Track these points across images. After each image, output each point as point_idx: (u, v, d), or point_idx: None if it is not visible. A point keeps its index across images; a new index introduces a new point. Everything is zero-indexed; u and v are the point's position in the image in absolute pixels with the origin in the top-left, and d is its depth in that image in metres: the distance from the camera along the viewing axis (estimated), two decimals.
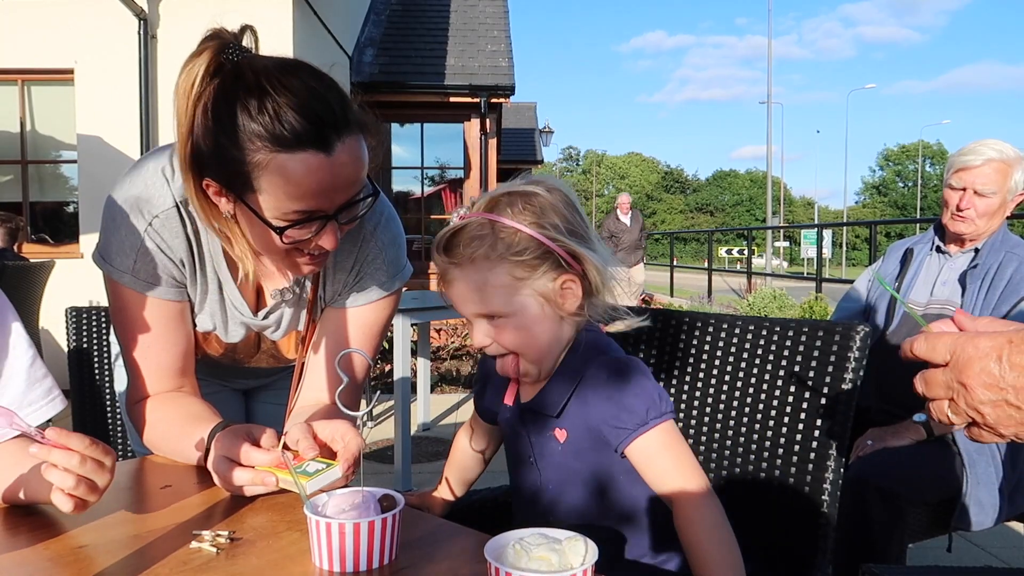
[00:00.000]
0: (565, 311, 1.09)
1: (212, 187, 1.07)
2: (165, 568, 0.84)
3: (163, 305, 1.21)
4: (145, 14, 5.95)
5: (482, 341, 1.09)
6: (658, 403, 1.07)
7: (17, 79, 6.20)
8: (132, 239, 1.17)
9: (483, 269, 1.05)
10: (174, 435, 1.19)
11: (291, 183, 1.00)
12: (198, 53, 1.02)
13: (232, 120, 0.99)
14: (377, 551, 0.84)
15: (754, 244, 18.54)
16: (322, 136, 0.99)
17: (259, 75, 1.00)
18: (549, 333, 1.09)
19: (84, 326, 1.94)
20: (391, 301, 1.34)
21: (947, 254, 2.22)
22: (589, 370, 1.10)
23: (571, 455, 1.12)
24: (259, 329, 1.34)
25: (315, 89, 1.01)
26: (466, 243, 1.06)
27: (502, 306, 1.06)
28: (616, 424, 1.06)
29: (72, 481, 0.86)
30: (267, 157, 0.99)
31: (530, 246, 1.05)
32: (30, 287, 4.72)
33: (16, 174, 6.42)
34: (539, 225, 1.05)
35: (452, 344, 7.32)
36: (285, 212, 1.03)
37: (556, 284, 1.07)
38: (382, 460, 4.11)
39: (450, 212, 9.06)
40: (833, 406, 1.23)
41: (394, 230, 1.32)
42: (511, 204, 1.06)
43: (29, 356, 1.09)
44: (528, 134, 18.54)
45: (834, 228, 41.17)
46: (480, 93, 8.53)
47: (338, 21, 7.90)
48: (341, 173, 1.02)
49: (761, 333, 1.33)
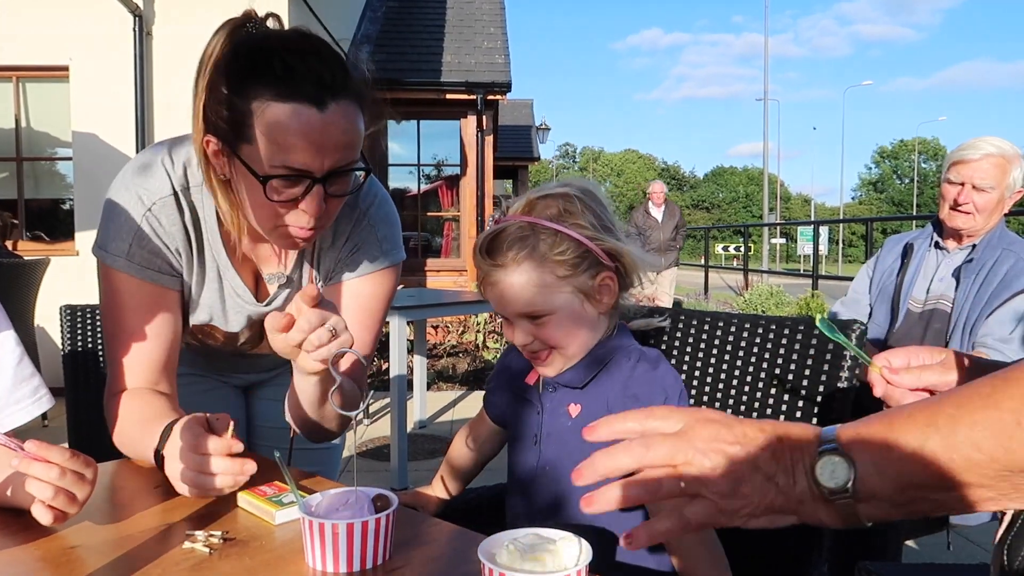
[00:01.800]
0: (603, 307, 1.14)
1: (211, 144, 1.09)
2: (158, 569, 0.83)
3: (154, 292, 1.20)
4: (141, 11, 5.93)
5: (523, 340, 1.13)
6: (673, 394, 1.10)
7: (12, 76, 6.17)
8: (129, 224, 1.18)
9: (527, 270, 1.09)
10: (136, 437, 1.15)
11: (281, 132, 1.03)
12: (224, 24, 1.07)
13: (239, 75, 1.04)
14: (371, 551, 0.83)
15: (750, 241, 18.57)
16: (317, 93, 1.03)
17: (270, 37, 1.06)
18: (588, 328, 1.14)
19: (79, 324, 1.93)
20: (387, 276, 1.32)
21: (945, 250, 2.22)
22: (616, 355, 1.14)
23: (577, 431, 1.12)
24: (259, 317, 1.33)
25: (320, 52, 1.06)
26: (508, 246, 1.10)
27: (545, 305, 1.10)
28: (626, 404, 1.09)
29: (51, 493, 0.87)
30: (262, 105, 1.03)
31: (570, 246, 1.09)
32: (24, 285, 4.70)
33: (11, 171, 6.39)
34: (577, 225, 1.10)
35: (448, 341, 7.32)
36: (273, 165, 1.05)
37: (595, 281, 1.12)
38: (378, 458, 4.10)
39: (447, 208, 9.06)
40: (830, 404, 1.22)
41: (387, 210, 1.33)
42: (548, 206, 1.11)
43: (16, 354, 1.09)
44: (525, 131, 18.52)
45: (831, 225, 41.24)
46: (476, 90, 8.52)
47: (334, 17, 7.88)
48: (331, 132, 1.05)
49: (757, 331, 1.32)
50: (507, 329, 1.16)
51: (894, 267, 2.31)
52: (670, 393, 1.10)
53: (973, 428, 0.54)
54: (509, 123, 17.43)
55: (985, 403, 0.54)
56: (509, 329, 1.15)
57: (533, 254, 1.09)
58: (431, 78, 8.66)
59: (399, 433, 3.64)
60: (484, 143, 8.74)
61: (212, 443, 0.99)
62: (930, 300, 2.17)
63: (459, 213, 9.02)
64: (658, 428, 0.67)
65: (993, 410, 0.53)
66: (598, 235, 1.10)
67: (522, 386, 1.23)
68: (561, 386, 1.17)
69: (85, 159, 5.99)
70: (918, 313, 2.18)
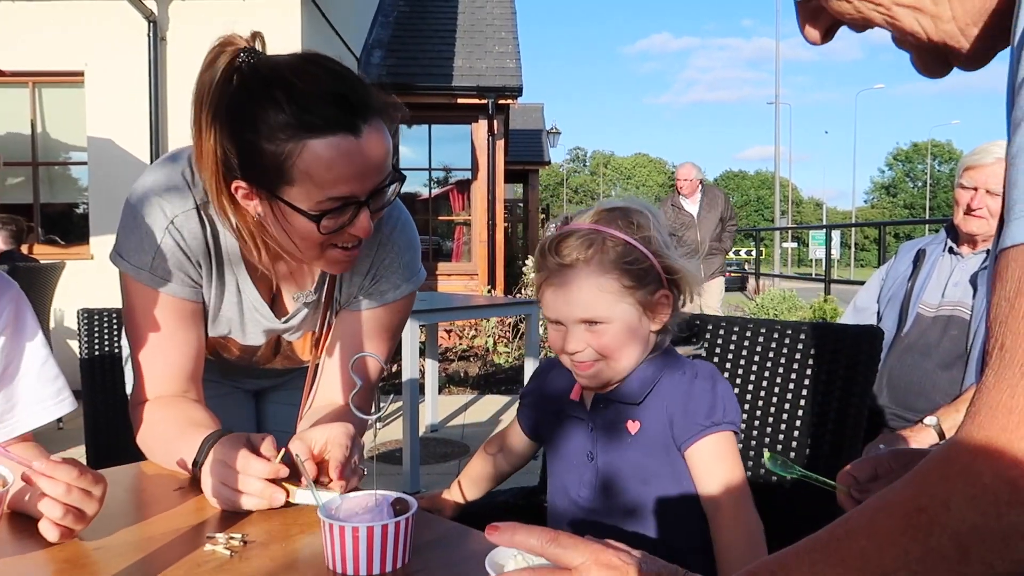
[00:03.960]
0: (657, 323, 1.14)
1: (241, 189, 1.08)
2: (179, 571, 0.84)
3: (178, 304, 1.21)
4: (155, 16, 5.98)
5: (576, 346, 1.12)
6: (730, 410, 1.11)
7: (28, 81, 6.23)
8: (152, 236, 1.18)
9: (595, 274, 1.10)
10: (171, 438, 1.17)
11: (325, 168, 1.02)
12: (212, 59, 1.03)
13: (258, 115, 1.02)
14: (390, 555, 0.84)
15: (762, 245, 18.51)
16: (349, 119, 1.02)
17: (279, 69, 1.03)
18: (640, 344, 1.14)
19: (96, 328, 1.94)
20: (405, 304, 1.35)
21: (959, 255, 2.20)
22: (669, 370, 1.15)
23: (639, 447, 1.14)
24: (278, 332, 1.34)
25: (337, 74, 1.05)
26: (579, 248, 1.10)
27: (606, 312, 1.10)
28: (688, 420, 1.10)
29: (59, 511, 0.87)
30: (298, 145, 1.01)
31: (637, 258, 1.10)
32: (40, 288, 4.74)
33: (27, 176, 6.46)
34: (645, 240, 1.11)
35: (460, 345, 7.33)
36: (320, 200, 1.04)
37: (654, 297, 1.13)
38: (390, 461, 4.11)
39: (458, 212, 9.07)
40: (845, 410, 1.22)
41: (410, 234, 1.33)
42: (615, 219, 1.12)
43: (43, 355, 1.10)
44: (535, 135, 18.53)
45: (843, 229, 41.00)
46: (488, 94, 8.53)
47: (346, 22, 7.92)
48: (371, 154, 1.05)
49: (772, 336, 1.32)
50: (556, 335, 1.15)
51: (906, 273, 2.30)
52: (728, 408, 1.11)
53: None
54: (520, 127, 17.44)
55: (831, 560, 0.55)
56: (558, 335, 1.14)
57: (603, 259, 1.10)
58: (442, 82, 8.68)
59: (411, 437, 3.65)
60: (495, 147, 8.75)
61: (259, 466, 1.00)
62: (945, 306, 2.15)
63: (470, 217, 9.03)
64: (558, 556, 0.68)
65: (840, 568, 0.54)
66: (661, 251, 1.12)
67: (566, 403, 1.22)
68: (615, 402, 1.16)
69: (100, 164, 6.05)
70: (931, 318, 2.16)
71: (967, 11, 0.59)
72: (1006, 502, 0.48)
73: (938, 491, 0.51)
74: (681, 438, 1.11)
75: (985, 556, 0.48)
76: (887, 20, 0.62)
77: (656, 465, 1.13)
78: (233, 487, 1.00)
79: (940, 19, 0.60)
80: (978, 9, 0.59)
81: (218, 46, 1.04)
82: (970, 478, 0.49)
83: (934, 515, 0.50)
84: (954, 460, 0.51)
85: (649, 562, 0.68)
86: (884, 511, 0.54)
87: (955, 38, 0.60)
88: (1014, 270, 0.50)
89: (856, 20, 0.63)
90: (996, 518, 0.48)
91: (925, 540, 0.50)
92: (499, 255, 8.77)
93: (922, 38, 0.62)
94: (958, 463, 0.51)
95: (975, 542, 0.49)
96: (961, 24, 0.60)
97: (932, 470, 0.52)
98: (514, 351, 7.08)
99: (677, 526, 1.12)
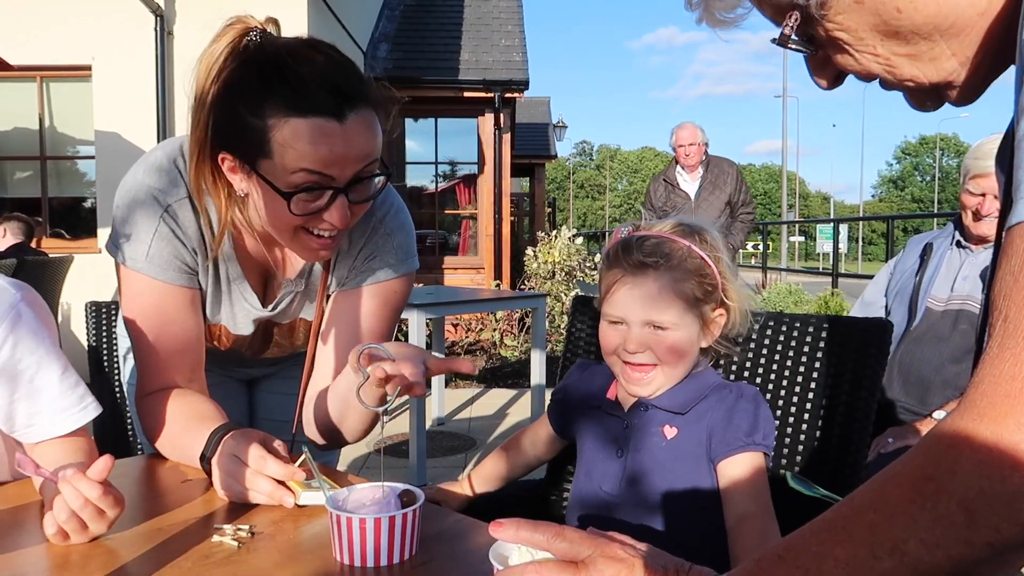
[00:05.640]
0: (709, 339, 1.19)
1: (227, 160, 1.09)
2: (188, 561, 0.85)
3: (176, 292, 1.21)
4: (162, 11, 5.98)
5: (637, 347, 1.14)
6: (768, 435, 1.13)
7: (36, 76, 6.25)
8: (147, 225, 1.18)
9: (674, 279, 1.13)
10: (178, 432, 1.17)
11: (300, 143, 1.03)
12: (221, 35, 1.05)
13: (252, 89, 1.03)
14: (398, 546, 0.84)
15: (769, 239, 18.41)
16: (336, 104, 1.03)
17: (280, 49, 1.05)
18: (693, 355, 1.17)
19: (104, 321, 1.95)
20: (400, 285, 1.32)
21: (968, 249, 2.19)
22: (716, 388, 1.17)
23: (671, 452, 1.15)
24: (266, 320, 1.34)
25: (335, 62, 1.06)
26: (662, 251, 1.14)
27: (674, 318, 1.13)
28: (729, 436, 1.11)
29: (64, 516, 0.87)
30: (280, 121, 1.02)
31: (709, 274, 1.15)
32: (49, 282, 4.76)
33: (35, 170, 6.48)
34: (715, 259, 1.16)
35: (466, 339, 7.33)
36: (293, 176, 1.05)
37: (713, 314, 1.17)
38: (397, 455, 4.12)
39: (464, 206, 9.06)
40: (854, 403, 1.22)
41: (403, 219, 1.33)
42: (689, 234, 1.17)
43: (61, 364, 1.10)
44: (542, 129, 18.49)
45: (850, 223, 40.84)
46: (494, 88, 8.51)
47: (352, 16, 7.92)
48: (352, 142, 1.05)
49: (781, 329, 1.32)
50: (614, 335, 1.16)
51: (914, 267, 2.29)
52: (767, 432, 1.13)
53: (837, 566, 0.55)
54: (526, 121, 17.42)
55: (838, 537, 0.55)
56: (617, 335, 1.15)
57: (681, 267, 1.14)
58: (449, 76, 8.66)
59: (418, 430, 3.66)
60: (501, 141, 8.73)
61: (275, 467, 1.00)
62: (954, 299, 2.14)
63: (476, 211, 9.02)
64: (565, 551, 0.68)
65: (849, 544, 0.55)
66: (725, 272, 1.17)
67: (603, 401, 1.24)
68: (656, 408, 1.17)
69: (107, 158, 6.06)
70: (940, 312, 2.15)
71: (963, 45, 0.62)
72: (1011, 466, 0.49)
73: (944, 459, 0.52)
74: (718, 451, 1.12)
75: (992, 520, 0.50)
76: (887, 70, 0.65)
77: (683, 472, 1.14)
78: (243, 484, 1.01)
79: (939, 60, 0.63)
80: (973, 40, 0.61)
81: (230, 23, 1.06)
82: (976, 444, 0.51)
83: (941, 482, 0.52)
84: (960, 428, 0.52)
85: (655, 555, 0.68)
86: (891, 483, 0.55)
87: (956, 73, 0.63)
88: (1019, 245, 0.52)
89: (859, 72, 0.67)
90: (1002, 482, 0.49)
91: (933, 508, 0.51)
92: (505, 249, 8.77)
93: (922, 81, 0.65)
94: (964, 431, 0.52)
95: (982, 507, 0.50)
96: (961, 59, 0.62)
97: (938, 440, 0.53)
98: (520, 345, 7.08)
99: (690, 532, 1.13)
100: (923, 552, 0.51)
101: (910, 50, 0.63)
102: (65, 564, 0.85)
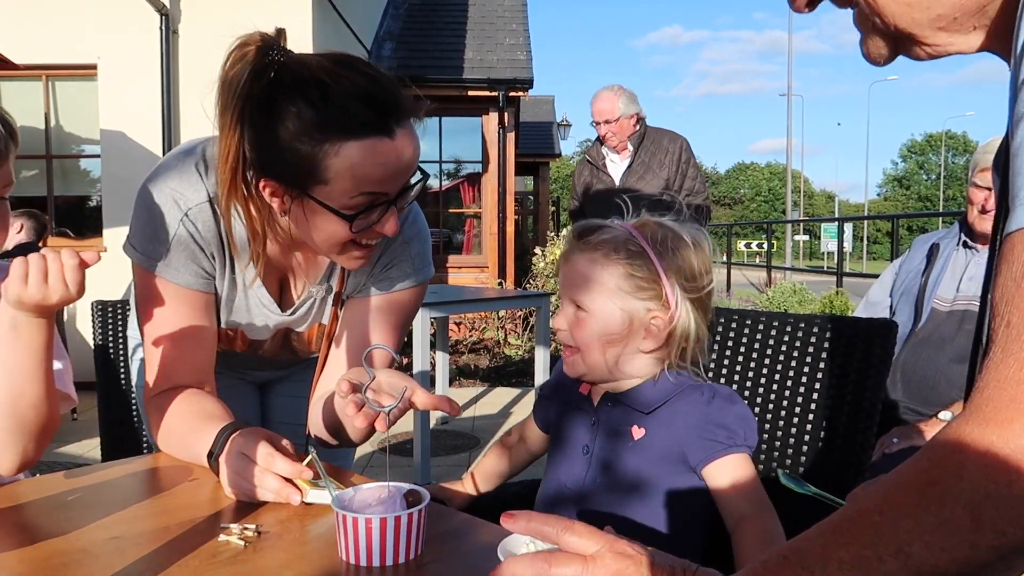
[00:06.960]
0: (642, 347, 1.14)
1: (269, 187, 1.09)
2: (195, 560, 0.85)
3: (192, 296, 1.22)
4: (167, 9, 6.00)
5: (559, 324, 1.17)
6: (750, 435, 1.12)
7: (41, 75, 6.27)
8: (167, 228, 1.18)
9: (594, 261, 1.13)
10: (186, 431, 1.18)
11: (360, 169, 1.03)
12: (240, 56, 1.02)
13: (291, 114, 1.02)
14: (403, 546, 0.84)
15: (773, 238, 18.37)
16: (383, 121, 1.04)
17: (314, 70, 1.03)
18: (614, 353, 1.14)
19: (110, 319, 1.96)
20: (414, 293, 1.34)
21: (974, 249, 2.18)
22: (686, 390, 1.14)
23: (639, 453, 1.14)
24: (285, 325, 1.35)
25: (371, 77, 1.05)
26: (597, 236, 1.15)
27: (591, 302, 1.13)
28: (706, 440, 1.10)
29: None
30: (334, 146, 1.02)
31: (649, 272, 1.11)
32: None
33: (41, 168, 6.50)
34: (671, 265, 1.12)
35: (471, 338, 7.34)
36: (352, 200, 1.06)
37: (647, 316, 1.12)
38: (401, 453, 4.13)
39: (468, 205, 9.06)
40: (858, 403, 1.22)
41: (420, 225, 1.34)
42: (654, 233, 1.14)
43: (57, 367, 1.11)
44: (546, 127, 18.47)
45: (855, 222, 40.73)
46: (498, 87, 8.50)
47: (357, 15, 7.92)
48: (403, 156, 1.07)
49: (785, 329, 1.32)
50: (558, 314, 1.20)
51: (920, 267, 2.28)
52: (747, 433, 1.11)
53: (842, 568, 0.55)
54: (530, 119, 17.40)
55: (843, 540, 0.55)
56: (558, 311, 1.19)
57: (609, 253, 1.13)
58: (453, 75, 8.66)
59: (422, 429, 3.67)
60: (506, 139, 8.73)
61: (283, 464, 1.01)
62: (960, 300, 2.14)
63: (480, 210, 9.02)
64: (574, 545, 0.69)
65: (853, 546, 0.54)
66: (679, 281, 1.12)
67: (575, 396, 1.23)
68: (623, 405, 1.17)
69: (112, 156, 6.08)
70: (946, 312, 2.15)
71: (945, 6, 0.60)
72: (1016, 470, 0.49)
73: (950, 463, 0.52)
74: (699, 457, 1.10)
75: (997, 524, 0.50)
76: None
77: (653, 475, 1.13)
78: (251, 481, 1.01)
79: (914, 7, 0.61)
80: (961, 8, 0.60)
81: (243, 43, 1.03)
82: (981, 449, 0.51)
83: (947, 486, 0.52)
84: (965, 433, 0.52)
85: (660, 556, 0.68)
86: (896, 487, 0.55)
87: (922, 30, 0.62)
88: (1020, 252, 0.52)
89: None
90: (1008, 486, 0.50)
91: (939, 511, 0.51)
92: (509, 248, 8.77)
93: (889, 23, 0.63)
94: (969, 435, 0.52)
95: (988, 510, 0.50)
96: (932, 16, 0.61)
97: (943, 444, 0.54)
98: (524, 344, 7.08)
99: (655, 537, 1.12)
100: (928, 555, 0.52)
101: None
102: (69, 563, 0.86)
